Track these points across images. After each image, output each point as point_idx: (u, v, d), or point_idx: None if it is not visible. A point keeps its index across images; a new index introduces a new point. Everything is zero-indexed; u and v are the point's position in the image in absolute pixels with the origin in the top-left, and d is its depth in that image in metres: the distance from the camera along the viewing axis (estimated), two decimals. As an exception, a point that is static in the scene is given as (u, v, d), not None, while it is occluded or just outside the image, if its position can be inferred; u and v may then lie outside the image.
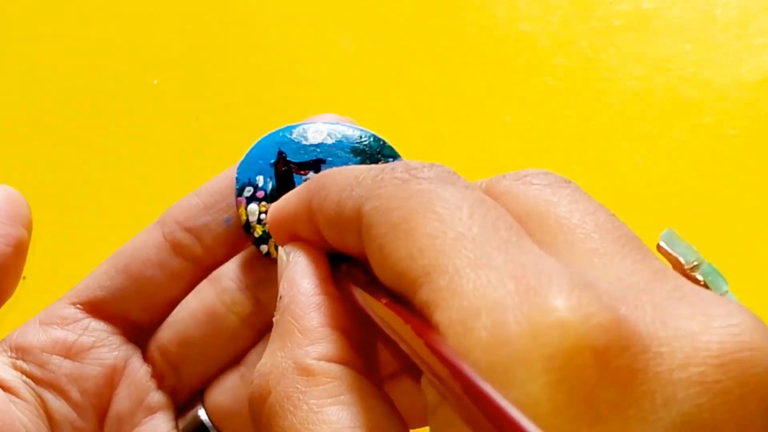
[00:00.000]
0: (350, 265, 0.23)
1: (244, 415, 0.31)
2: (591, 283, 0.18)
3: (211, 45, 0.46)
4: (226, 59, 0.46)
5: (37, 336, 0.31)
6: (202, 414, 0.31)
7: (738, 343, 0.18)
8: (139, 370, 0.32)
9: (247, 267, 0.31)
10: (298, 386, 0.21)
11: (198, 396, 0.32)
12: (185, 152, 0.44)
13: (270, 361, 0.22)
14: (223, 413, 0.31)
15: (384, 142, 0.31)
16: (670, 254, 0.22)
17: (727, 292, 0.22)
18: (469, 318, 0.18)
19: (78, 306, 0.32)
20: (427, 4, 0.47)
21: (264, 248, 0.31)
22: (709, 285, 0.22)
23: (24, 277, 0.31)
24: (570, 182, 0.22)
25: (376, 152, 0.31)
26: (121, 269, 0.32)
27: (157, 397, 0.31)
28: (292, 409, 0.21)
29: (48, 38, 0.46)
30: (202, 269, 0.32)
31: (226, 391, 0.31)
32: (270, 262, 0.31)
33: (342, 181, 0.23)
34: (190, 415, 0.32)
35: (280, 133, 0.32)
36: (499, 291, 0.18)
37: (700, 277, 0.22)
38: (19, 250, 0.30)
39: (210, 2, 0.47)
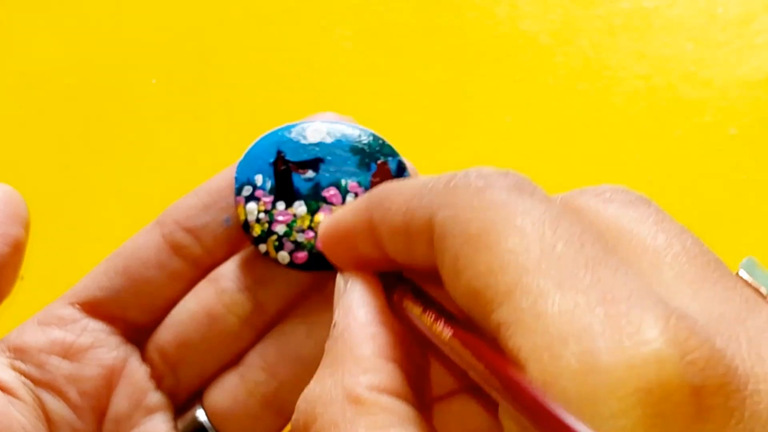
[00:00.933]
0: (408, 287, 0.23)
1: (242, 415, 0.31)
2: (684, 312, 0.18)
3: (210, 44, 0.46)
4: (226, 58, 0.46)
5: (35, 336, 0.31)
6: (201, 415, 0.31)
7: None
8: (137, 371, 0.31)
9: (247, 267, 0.31)
10: (347, 415, 0.20)
11: (197, 397, 0.32)
12: (184, 151, 0.43)
13: (319, 387, 0.22)
14: (222, 414, 0.31)
15: (383, 141, 0.31)
16: (750, 284, 0.22)
17: None
18: (555, 344, 0.17)
19: (76, 306, 0.32)
20: (427, 4, 0.47)
21: (263, 247, 0.31)
22: None
23: (22, 277, 0.31)
24: (651, 202, 0.21)
25: (375, 151, 0.31)
26: (120, 269, 0.32)
27: (155, 397, 0.31)
28: None
29: (46, 37, 0.46)
30: (202, 269, 0.32)
31: (225, 392, 0.31)
32: (269, 262, 0.31)
33: (408, 190, 0.22)
34: (188, 415, 0.31)
35: (279, 132, 0.31)
36: (588, 316, 0.17)
37: None
38: (17, 250, 0.30)
39: (209, 1, 0.47)
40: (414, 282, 0.22)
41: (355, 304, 0.23)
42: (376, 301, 0.23)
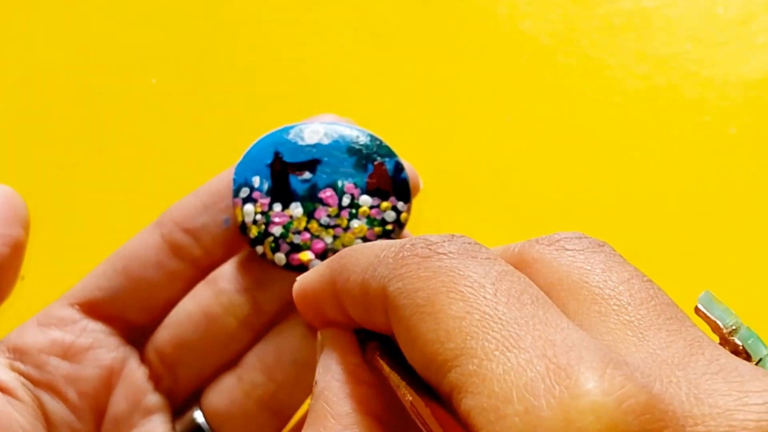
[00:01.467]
0: (378, 344, 0.23)
1: (240, 417, 0.31)
2: (623, 360, 0.18)
3: (210, 44, 0.46)
4: (226, 58, 0.46)
5: (34, 337, 0.31)
6: (199, 416, 0.31)
7: None
8: (136, 372, 0.32)
9: (244, 269, 0.31)
10: None
11: (195, 398, 0.32)
12: (184, 152, 0.44)
13: None
14: (219, 415, 0.31)
15: (380, 142, 0.31)
16: (708, 317, 0.22)
17: (766, 355, 0.22)
18: (500, 404, 0.18)
19: (76, 307, 0.32)
20: (427, 4, 0.47)
21: (260, 249, 0.31)
22: (748, 350, 0.22)
23: (22, 278, 0.31)
24: (604, 246, 0.22)
25: (372, 152, 0.31)
26: (119, 270, 0.32)
27: (154, 398, 0.31)
28: None
29: (46, 37, 0.46)
30: (201, 270, 0.32)
31: (222, 393, 0.31)
32: (266, 263, 0.31)
33: (363, 261, 0.23)
34: (186, 417, 0.32)
35: (278, 134, 0.31)
36: (530, 373, 0.18)
37: (738, 342, 0.22)
38: (17, 251, 0.30)
39: (209, 1, 0.47)
40: (386, 336, 0.23)
41: (334, 362, 0.24)
42: (352, 358, 0.24)
